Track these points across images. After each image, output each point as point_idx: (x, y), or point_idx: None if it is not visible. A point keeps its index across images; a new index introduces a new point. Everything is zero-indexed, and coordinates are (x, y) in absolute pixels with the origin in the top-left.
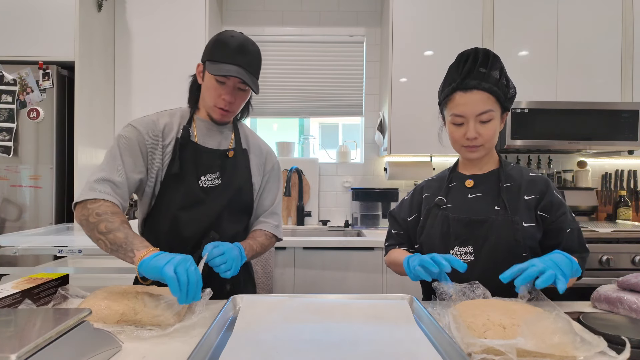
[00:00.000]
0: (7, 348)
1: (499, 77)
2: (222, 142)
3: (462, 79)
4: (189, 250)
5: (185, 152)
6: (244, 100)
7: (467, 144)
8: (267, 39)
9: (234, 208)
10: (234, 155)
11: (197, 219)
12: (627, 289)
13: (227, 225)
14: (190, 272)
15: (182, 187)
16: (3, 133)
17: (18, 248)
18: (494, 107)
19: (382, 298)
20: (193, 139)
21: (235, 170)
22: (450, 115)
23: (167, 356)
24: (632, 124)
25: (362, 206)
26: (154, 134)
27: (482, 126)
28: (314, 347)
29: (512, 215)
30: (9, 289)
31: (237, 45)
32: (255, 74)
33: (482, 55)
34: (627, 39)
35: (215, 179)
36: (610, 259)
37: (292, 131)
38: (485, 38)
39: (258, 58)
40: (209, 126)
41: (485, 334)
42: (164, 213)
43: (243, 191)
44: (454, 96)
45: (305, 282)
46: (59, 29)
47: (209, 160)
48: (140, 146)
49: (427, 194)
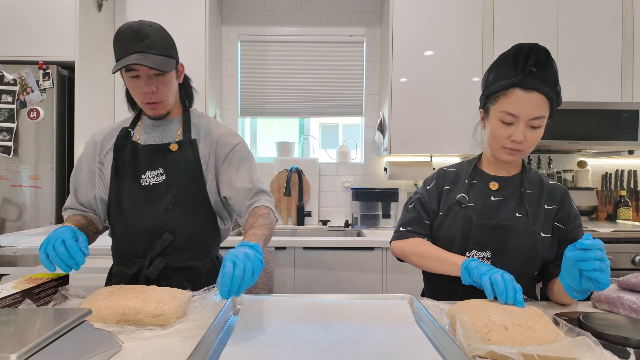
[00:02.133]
0: (7, 348)
1: (555, 84)
2: (166, 136)
3: (524, 76)
4: (139, 252)
5: (124, 153)
6: (168, 85)
7: (510, 146)
8: (267, 39)
9: (185, 203)
10: (178, 148)
11: (143, 219)
12: (627, 289)
13: (181, 222)
14: (57, 248)
15: (124, 188)
16: (3, 133)
17: (18, 248)
18: (546, 113)
19: (382, 298)
20: (135, 139)
21: (181, 163)
22: (500, 111)
23: (167, 356)
24: (632, 124)
25: (362, 206)
26: (92, 149)
27: (530, 131)
28: (314, 347)
29: (533, 224)
30: (9, 289)
31: (130, 33)
32: (163, 52)
33: (543, 55)
34: (627, 39)
35: (158, 175)
36: (610, 259)
37: (292, 131)
38: (485, 38)
39: (161, 36)
40: (155, 123)
41: (488, 335)
42: (114, 217)
43: (192, 184)
44: (512, 92)
45: (305, 282)
46: (59, 29)
47: (148, 157)
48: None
49: (448, 188)
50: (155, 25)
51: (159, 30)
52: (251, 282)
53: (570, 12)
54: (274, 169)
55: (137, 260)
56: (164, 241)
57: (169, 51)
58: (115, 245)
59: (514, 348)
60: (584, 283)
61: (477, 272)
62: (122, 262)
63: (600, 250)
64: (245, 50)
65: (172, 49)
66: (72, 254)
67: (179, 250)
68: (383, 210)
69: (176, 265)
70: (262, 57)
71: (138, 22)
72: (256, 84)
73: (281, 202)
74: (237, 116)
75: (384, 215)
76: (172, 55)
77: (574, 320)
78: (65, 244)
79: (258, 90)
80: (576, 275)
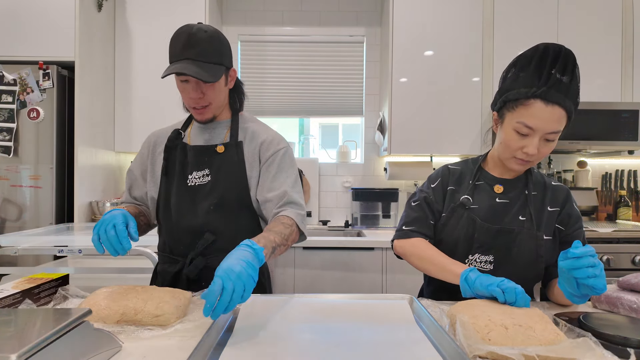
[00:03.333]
0: (7, 348)
1: (577, 92)
2: (213, 138)
3: (548, 88)
4: (182, 251)
5: (174, 154)
6: (216, 91)
7: (521, 157)
8: (267, 39)
9: (228, 205)
10: (225, 150)
11: (187, 218)
12: (627, 289)
13: (222, 223)
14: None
15: (172, 187)
16: (3, 133)
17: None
18: (562, 126)
19: (382, 298)
20: (185, 140)
21: (225, 165)
22: (517, 121)
23: (167, 356)
24: (632, 124)
25: (362, 206)
26: (146, 148)
27: (544, 144)
28: (314, 347)
29: (536, 229)
30: (9, 289)
31: (183, 40)
32: (211, 60)
33: (569, 61)
34: (627, 39)
35: (204, 176)
36: (610, 259)
37: (292, 131)
38: (485, 38)
39: (212, 43)
40: (204, 126)
41: (489, 335)
42: (161, 215)
43: (236, 186)
44: (532, 104)
45: (305, 282)
46: (59, 29)
47: (195, 158)
48: (139, 164)
49: (452, 188)
50: (210, 31)
51: (212, 37)
52: (241, 301)
53: (570, 12)
54: None
55: (179, 259)
56: (205, 241)
57: (219, 58)
58: (162, 244)
59: (514, 349)
60: (582, 289)
61: (481, 283)
62: (167, 260)
63: (591, 256)
64: (245, 50)
65: (224, 55)
66: (120, 239)
67: (220, 250)
68: (383, 210)
69: (216, 265)
70: (262, 57)
71: (194, 27)
72: (256, 84)
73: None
74: None
75: (384, 215)
76: (222, 62)
77: (574, 321)
78: (116, 229)
79: (258, 91)
80: (573, 282)
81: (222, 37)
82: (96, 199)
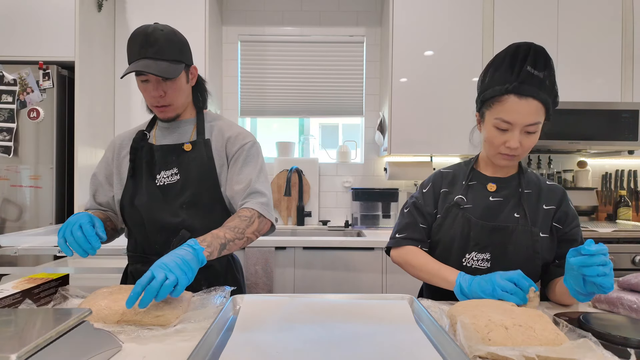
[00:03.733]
0: (7, 348)
1: (553, 84)
2: (181, 137)
3: (520, 83)
4: (156, 250)
5: (140, 155)
6: (176, 89)
7: (505, 152)
8: (267, 39)
9: (200, 202)
10: (192, 148)
11: (160, 216)
12: (627, 289)
13: (196, 220)
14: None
15: (140, 188)
16: (3, 133)
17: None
18: (541, 118)
19: (382, 298)
20: (151, 141)
21: (194, 163)
22: (495, 118)
23: (167, 356)
24: (632, 124)
25: (362, 206)
26: (111, 152)
27: (526, 137)
28: (314, 347)
29: (531, 225)
30: (9, 289)
31: (141, 39)
32: (171, 57)
33: (540, 56)
34: (627, 39)
35: (172, 175)
36: (610, 259)
37: (292, 131)
38: (485, 38)
39: (171, 41)
40: (169, 125)
41: (489, 335)
42: (130, 216)
43: (206, 183)
44: (507, 99)
45: (305, 282)
46: (59, 29)
47: (163, 157)
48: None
49: (445, 190)
50: (166, 30)
51: (170, 35)
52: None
53: (570, 12)
54: (274, 169)
55: (154, 258)
56: (181, 237)
57: (178, 56)
58: (133, 245)
59: (515, 349)
60: (589, 287)
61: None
62: (139, 260)
63: (603, 255)
64: (245, 50)
65: (183, 53)
66: (88, 238)
67: None
68: (383, 210)
69: None
70: (262, 57)
71: (150, 27)
72: (256, 84)
73: (281, 202)
74: (237, 116)
75: (384, 215)
76: (181, 60)
77: (574, 321)
78: (82, 229)
79: (258, 90)
80: (580, 279)
81: (179, 35)
82: None
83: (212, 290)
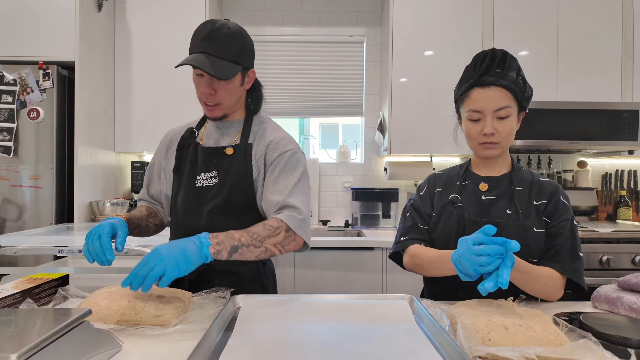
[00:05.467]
0: (7, 348)
1: (516, 76)
2: (223, 139)
3: (480, 76)
4: None
5: (186, 153)
6: (228, 90)
7: (483, 141)
8: (267, 39)
9: (232, 207)
10: (234, 152)
11: (191, 219)
12: (627, 289)
13: (226, 226)
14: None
15: (182, 186)
16: (3, 133)
17: (18, 248)
18: (511, 104)
19: (382, 298)
20: (198, 140)
21: (233, 167)
22: (467, 111)
23: (167, 356)
24: (632, 124)
25: (362, 206)
26: (163, 145)
27: (499, 122)
28: (314, 347)
29: (523, 220)
30: (9, 289)
31: (204, 33)
32: (230, 58)
33: (499, 56)
34: (627, 39)
35: (211, 178)
36: (610, 259)
37: (292, 131)
38: (485, 38)
39: (232, 41)
40: (217, 125)
41: (489, 335)
42: (172, 214)
43: (241, 188)
44: (472, 92)
45: (305, 282)
46: (59, 29)
47: (204, 159)
48: (157, 161)
49: (440, 190)
50: (233, 29)
51: (234, 35)
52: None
53: (570, 13)
54: None
55: None
56: None
57: (237, 57)
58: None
59: (515, 350)
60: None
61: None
62: None
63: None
64: None
65: (242, 55)
66: (104, 250)
67: None
68: (383, 210)
69: (219, 269)
70: (262, 57)
71: (218, 22)
72: None
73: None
74: None
75: (384, 215)
76: (239, 62)
77: (574, 321)
78: (101, 240)
79: None
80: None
81: (245, 36)
82: (96, 199)
83: (212, 290)
